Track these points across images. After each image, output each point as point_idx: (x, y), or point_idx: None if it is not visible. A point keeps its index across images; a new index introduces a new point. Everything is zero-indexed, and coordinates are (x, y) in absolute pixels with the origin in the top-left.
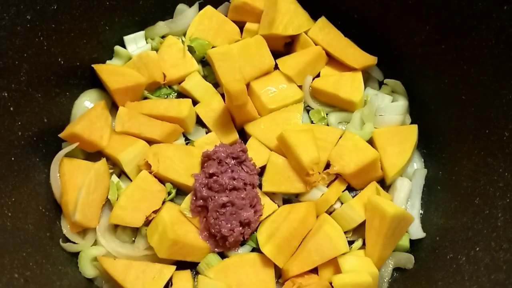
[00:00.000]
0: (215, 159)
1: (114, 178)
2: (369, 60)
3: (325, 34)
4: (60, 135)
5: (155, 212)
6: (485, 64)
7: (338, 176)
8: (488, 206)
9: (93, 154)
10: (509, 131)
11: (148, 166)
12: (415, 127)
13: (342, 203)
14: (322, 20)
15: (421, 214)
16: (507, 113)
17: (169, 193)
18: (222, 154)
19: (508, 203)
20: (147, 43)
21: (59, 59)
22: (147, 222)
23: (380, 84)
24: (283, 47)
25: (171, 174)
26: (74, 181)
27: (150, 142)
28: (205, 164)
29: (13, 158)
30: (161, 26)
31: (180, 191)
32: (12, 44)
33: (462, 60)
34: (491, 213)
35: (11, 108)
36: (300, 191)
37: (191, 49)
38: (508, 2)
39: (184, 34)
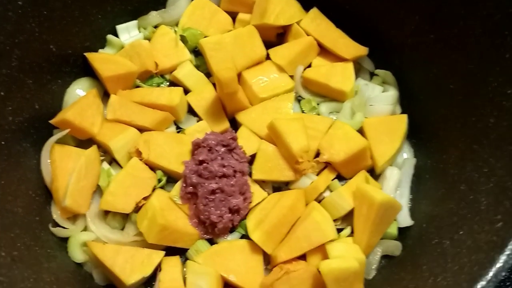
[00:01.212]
0: (205, 146)
1: (105, 165)
2: (360, 50)
3: (317, 24)
4: (51, 121)
5: (145, 198)
6: (472, 53)
7: (328, 164)
8: (473, 192)
9: (84, 141)
10: (494, 118)
11: (139, 154)
12: (404, 116)
13: (331, 192)
14: (314, 11)
15: (409, 202)
16: (493, 100)
17: (159, 180)
18: (212, 141)
19: (492, 187)
20: (139, 32)
21: (51, 46)
22: (137, 209)
23: (372, 75)
24: (275, 37)
25: (162, 162)
26: (64, 168)
27: (142, 130)
28: (195, 152)
29: (3, 143)
30: (153, 16)
31: (171, 179)
32: (3, 29)
33: (450, 50)
34: (475, 198)
35: (2, 93)
36: (290, 179)
37: (183, 39)
38: None
39: (177, 24)
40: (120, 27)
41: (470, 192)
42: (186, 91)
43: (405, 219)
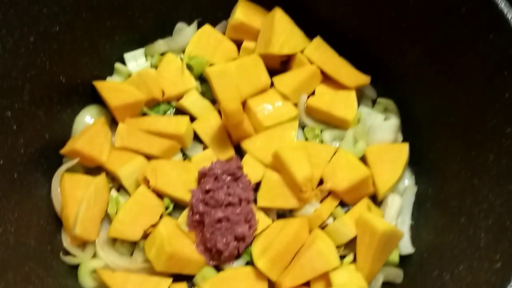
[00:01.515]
0: (212, 175)
1: (113, 192)
2: (363, 79)
3: (320, 53)
4: (61, 152)
5: (153, 226)
6: (473, 89)
7: (330, 192)
8: (472, 226)
9: (93, 168)
10: (494, 154)
11: (147, 182)
12: (406, 145)
13: (334, 218)
14: (318, 39)
15: (411, 229)
16: (493, 137)
17: (166, 208)
18: (218, 170)
19: (491, 224)
20: (146, 60)
21: (61, 78)
22: (145, 236)
23: (374, 101)
24: (279, 65)
25: (169, 189)
26: (74, 195)
27: (149, 157)
28: (202, 180)
29: (16, 175)
30: (160, 44)
31: (178, 206)
32: (15, 65)
33: (451, 84)
34: (475, 233)
35: (14, 127)
36: (294, 206)
37: (189, 67)
38: (494, 30)
39: (183, 51)
40: (127, 55)
41: (470, 226)
42: (192, 118)
43: (406, 246)
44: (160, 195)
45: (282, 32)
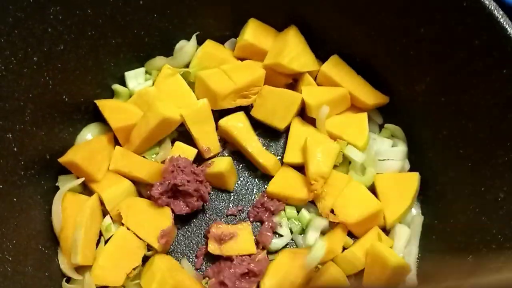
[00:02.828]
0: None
1: (107, 219)
2: (382, 98)
3: (339, 70)
4: (59, 160)
5: (135, 269)
6: (483, 123)
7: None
8: (481, 268)
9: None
10: (504, 193)
11: (120, 217)
12: (416, 175)
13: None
14: (335, 57)
15: (417, 261)
16: (503, 174)
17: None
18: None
19: (500, 267)
20: (147, 79)
21: (64, 97)
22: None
23: (380, 127)
24: (284, 87)
25: (137, 230)
26: (75, 216)
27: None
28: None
29: (15, 199)
30: (160, 60)
31: None
32: (18, 86)
33: (461, 115)
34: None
35: (15, 149)
36: (302, 197)
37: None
38: (508, 65)
39: (185, 67)
40: (128, 74)
41: (478, 267)
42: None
43: (411, 279)
44: None
45: (295, 47)
